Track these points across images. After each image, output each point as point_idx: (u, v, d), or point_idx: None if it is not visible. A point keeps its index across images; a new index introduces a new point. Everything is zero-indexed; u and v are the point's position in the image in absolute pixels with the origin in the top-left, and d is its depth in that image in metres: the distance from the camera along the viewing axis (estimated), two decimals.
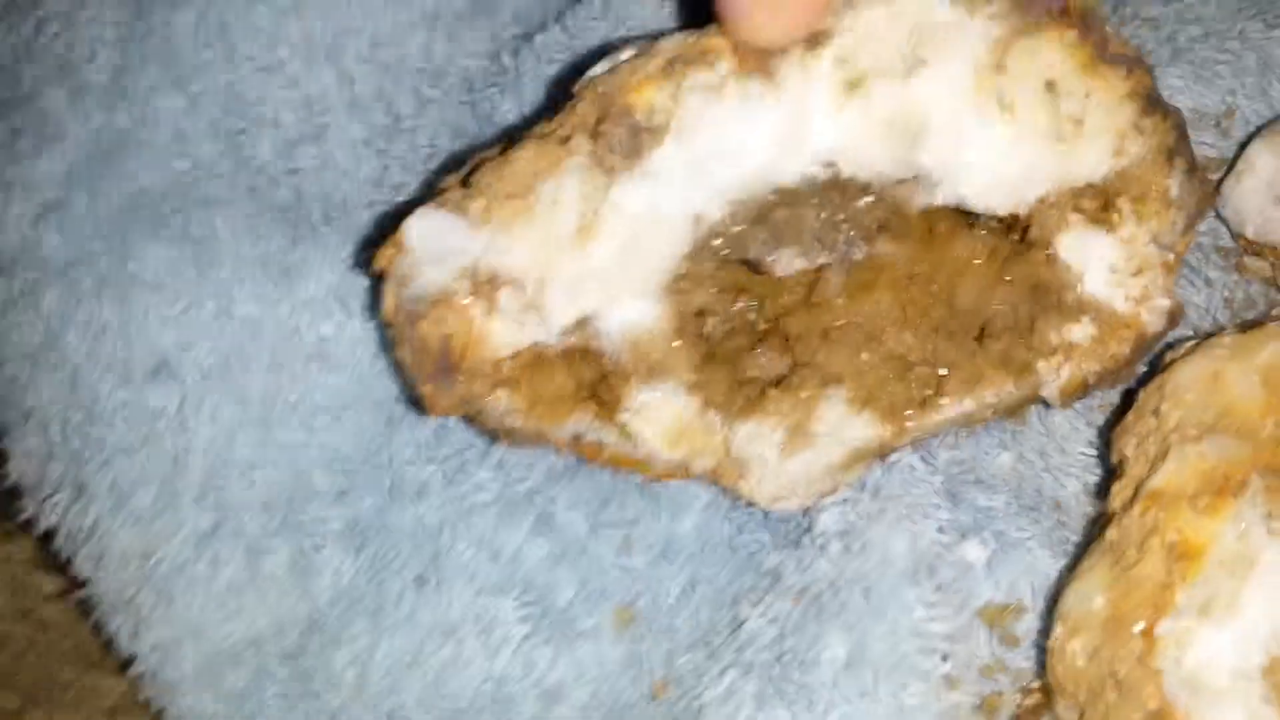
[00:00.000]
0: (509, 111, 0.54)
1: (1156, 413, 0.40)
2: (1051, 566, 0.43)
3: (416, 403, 0.41)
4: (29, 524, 0.48)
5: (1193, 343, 0.41)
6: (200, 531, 0.47)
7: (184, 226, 0.49)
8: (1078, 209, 0.41)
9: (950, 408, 0.42)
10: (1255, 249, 0.47)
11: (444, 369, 0.39)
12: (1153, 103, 0.39)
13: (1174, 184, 0.40)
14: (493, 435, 0.43)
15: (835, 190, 0.39)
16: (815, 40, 0.35)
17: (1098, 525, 0.42)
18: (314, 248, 0.50)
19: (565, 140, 0.37)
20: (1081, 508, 0.44)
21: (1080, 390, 0.43)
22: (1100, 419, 0.46)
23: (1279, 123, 0.47)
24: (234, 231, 0.50)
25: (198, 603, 0.46)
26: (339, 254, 0.50)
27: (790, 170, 0.37)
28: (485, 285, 0.38)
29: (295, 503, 0.47)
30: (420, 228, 0.37)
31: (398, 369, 0.43)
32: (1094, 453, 0.46)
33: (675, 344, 0.40)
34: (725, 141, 0.37)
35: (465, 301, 0.38)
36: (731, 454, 0.43)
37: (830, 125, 0.37)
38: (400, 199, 0.52)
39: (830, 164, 0.37)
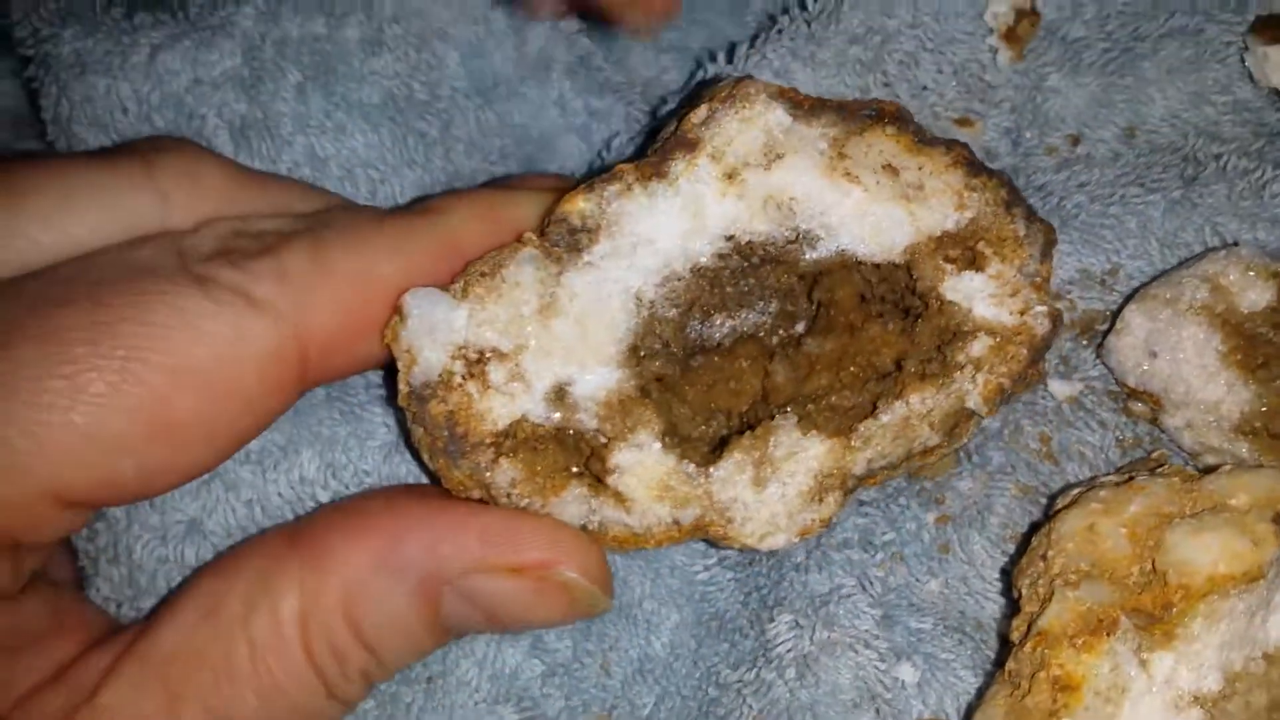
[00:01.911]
0: None
1: (1044, 557, 0.45)
2: (972, 685, 0.49)
3: (433, 478, 0.48)
4: None
5: (1077, 491, 0.47)
6: None
7: None
8: (948, 259, 0.48)
9: (886, 413, 0.48)
10: (1137, 395, 0.53)
11: (452, 441, 0.46)
12: (976, 167, 0.48)
13: (1019, 227, 0.49)
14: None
15: (740, 256, 0.48)
16: (692, 147, 0.47)
17: (1005, 650, 0.47)
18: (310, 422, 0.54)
19: (519, 234, 0.47)
20: (999, 627, 0.50)
21: (999, 395, 0.49)
22: (1012, 548, 0.52)
23: (1150, 287, 0.52)
24: None
25: None
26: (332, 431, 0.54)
27: (700, 246, 0.47)
28: (476, 364, 0.46)
29: None
30: (414, 300, 0.46)
31: (415, 455, 0.49)
32: (1008, 579, 0.51)
33: (641, 401, 0.48)
34: (643, 230, 0.47)
35: (461, 380, 0.46)
36: (714, 500, 0.48)
37: (721, 207, 0.47)
38: None
39: (730, 236, 0.47)
